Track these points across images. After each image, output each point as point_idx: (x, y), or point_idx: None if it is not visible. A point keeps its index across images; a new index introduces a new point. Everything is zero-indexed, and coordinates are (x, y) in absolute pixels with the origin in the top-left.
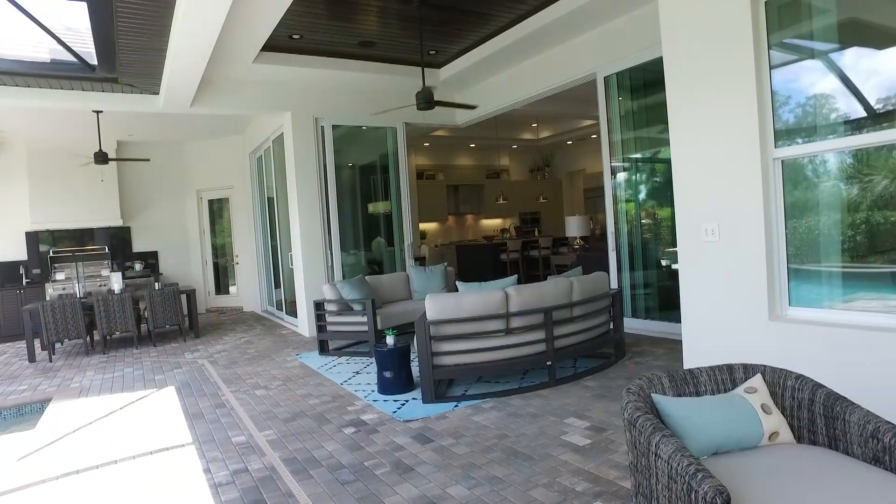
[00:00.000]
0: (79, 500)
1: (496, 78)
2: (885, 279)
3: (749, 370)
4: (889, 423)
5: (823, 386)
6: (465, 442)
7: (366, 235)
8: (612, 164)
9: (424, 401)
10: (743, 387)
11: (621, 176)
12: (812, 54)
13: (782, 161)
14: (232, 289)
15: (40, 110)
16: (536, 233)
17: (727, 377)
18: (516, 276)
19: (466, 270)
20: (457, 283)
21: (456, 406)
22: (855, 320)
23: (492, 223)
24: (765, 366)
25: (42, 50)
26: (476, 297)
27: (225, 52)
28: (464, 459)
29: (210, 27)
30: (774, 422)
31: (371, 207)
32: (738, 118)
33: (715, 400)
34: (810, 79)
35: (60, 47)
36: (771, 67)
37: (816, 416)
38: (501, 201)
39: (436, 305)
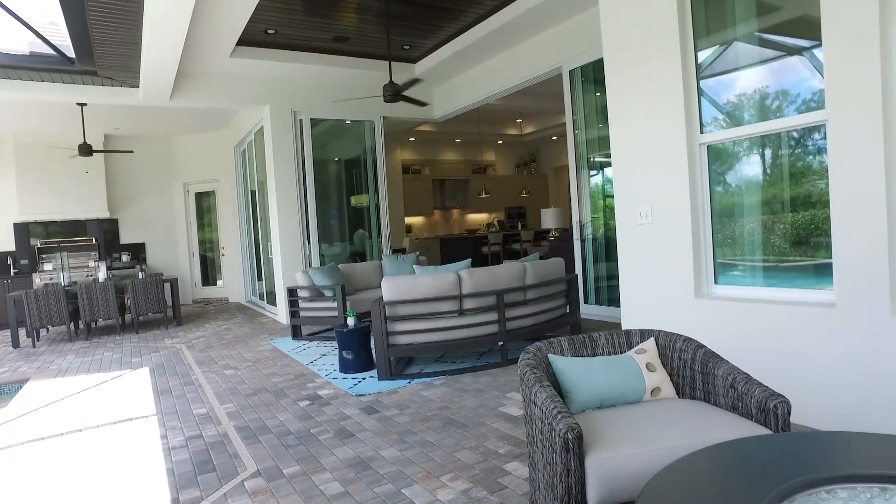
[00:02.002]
0: (39, 463)
1: (470, 72)
2: (804, 269)
3: (645, 335)
4: (744, 374)
5: (704, 346)
6: (409, 413)
7: (351, 228)
8: (578, 157)
9: (380, 378)
10: (635, 348)
11: (588, 168)
12: (736, 38)
13: (707, 146)
14: (219, 281)
15: (24, 102)
16: (519, 226)
17: (623, 341)
18: (469, 259)
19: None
20: (413, 266)
21: (409, 382)
22: (769, 296)
23: (478, 217)
24: (659, 331)
25: (21, 42)
26: (429, 280)
27: (201, 47)
28: (403, 427)
29: (178, 21)
30: (657, 379)
31: (354, 200)
32: (668, 106)
33: (605, 360)
34: (735, 71)
35: (39, 40)
36: (697, 58)
37: (696, 373)
38: (484, 195)
39: (391, 287)
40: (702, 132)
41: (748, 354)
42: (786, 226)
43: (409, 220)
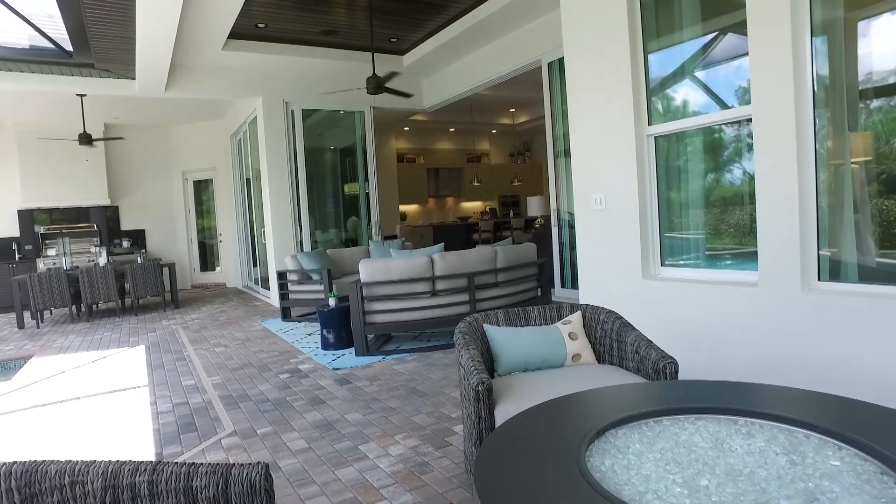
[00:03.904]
0: (41, 424)
1: (457, 64)
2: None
3: (574, 308)
4: (647, 340)
5: (622, 318)
6: (378, 384)
7: (345, 215)
8: (556, 146)
9: (357, 354)
10: (562, 320)
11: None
12: (682, 38)
13: (655, 137)
14: (217, 267)
15: (25, 94)
16: (511, 214)
17: (555, 314)
18: (443, 244)
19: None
20: (390, 250)
21: (383, 358)
22: (705, 277)
23: (472, 205)
24: (587, 305)
25: (21, 36)
26: (404, 262)
27: (194, 40)
28: (369, 396)
29: (169, 16)
30: (578, 346)
31: (347, 188)
32: (619, 100)
33: (532, 329)
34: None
35: (38, 34)
36: (647, 57)
37: (613, 341)
38: (476, 184)
39: (367, 269)
40: (650, 124)
41: (686, 327)
42: (724, 216)
43: (403, 207)
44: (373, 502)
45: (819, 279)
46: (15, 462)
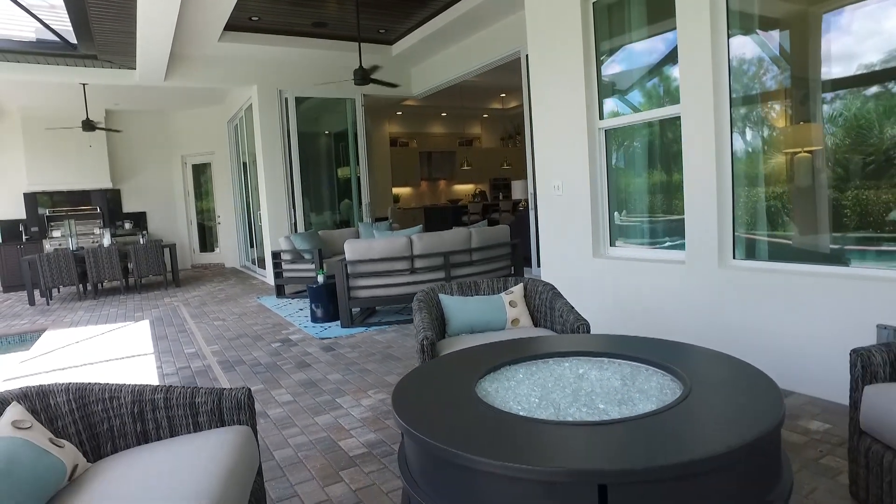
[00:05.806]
0: None
1: (443, 53)
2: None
3: (518, 281)
4: (569, 306)
5: (555, 289)
6: (359, 351)
7: (339, 198)
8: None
9: (343, 326)
10: (505, 291)
11: None
12: (631, 39)
13: (605, 130)
14: (216, 248)
15: (31, 83)
16: (500, 197)
17: (501, 286)
18: (421, 225)
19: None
20: (373, 231)
21: (366, 329)
22: (645, 256)
23: (464, 188)
24: (528, 278)
25: (28, 29)
26: (385, 242)
27: (191, 32)
28: (349, 360)
29: (168, 13)
30: (517, 312)
31: (340, 172)
32: (574, 95)
33: (479, 298)
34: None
35: (44, 27)
36: (599, 57)
37: (547, 309)
38: (466, 167)
39: (351, 248)
40: (601, 118)
41: (629, 299)
42: (664, 203)
43: (396, 190)
44: (342, 439)
45: (734, 257)
46: (70, 382)
